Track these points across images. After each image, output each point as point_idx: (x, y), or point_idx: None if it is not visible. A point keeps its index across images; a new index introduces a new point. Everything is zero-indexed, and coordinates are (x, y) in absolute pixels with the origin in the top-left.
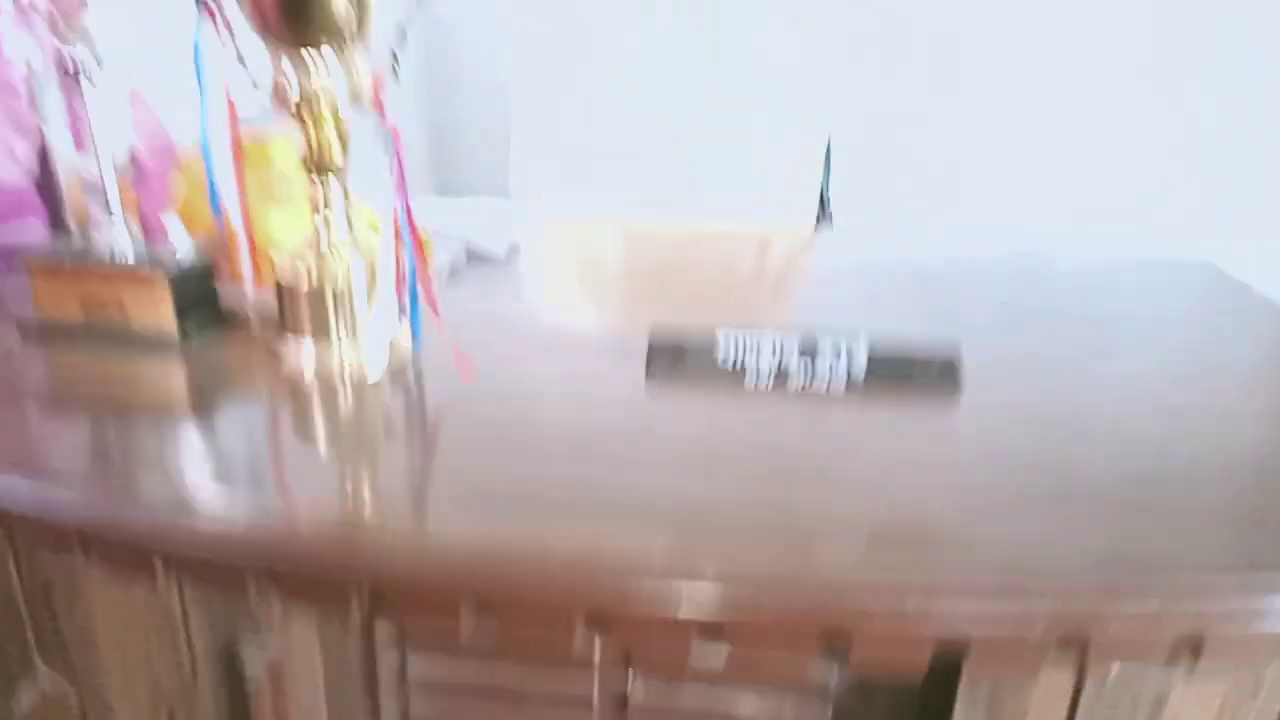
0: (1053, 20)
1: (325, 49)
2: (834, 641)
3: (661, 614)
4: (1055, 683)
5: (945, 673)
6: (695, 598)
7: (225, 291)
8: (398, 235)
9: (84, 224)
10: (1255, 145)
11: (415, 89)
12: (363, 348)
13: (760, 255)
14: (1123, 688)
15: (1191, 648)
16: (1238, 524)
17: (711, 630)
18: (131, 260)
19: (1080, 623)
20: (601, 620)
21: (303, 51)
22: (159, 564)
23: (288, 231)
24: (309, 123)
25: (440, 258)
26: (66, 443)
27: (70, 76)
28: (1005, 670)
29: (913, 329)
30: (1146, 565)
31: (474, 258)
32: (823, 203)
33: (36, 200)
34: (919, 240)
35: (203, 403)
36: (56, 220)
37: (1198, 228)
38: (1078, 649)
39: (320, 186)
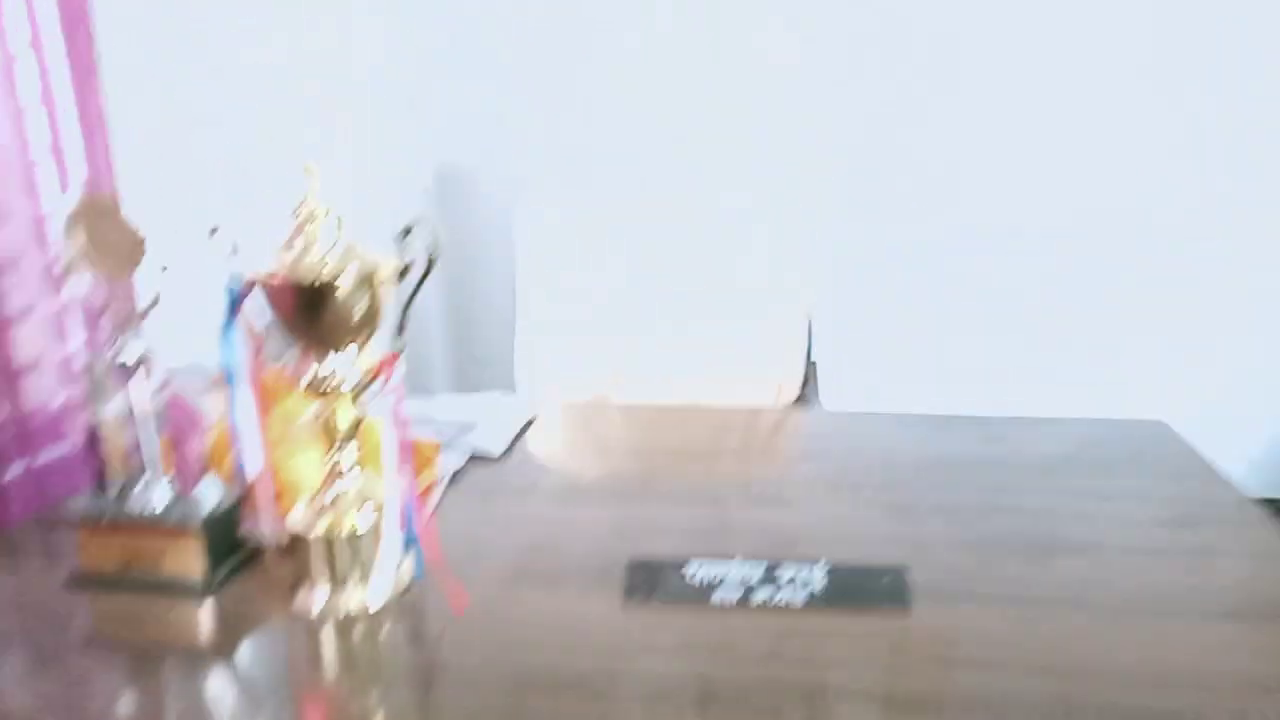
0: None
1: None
2: None
3: None
4: None
5: None
6: None
7: (249, 527)
8: (400, 477)
9: (124, 478)
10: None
11: (435, 286)
12: (369, 584)
13: (744, 442)
14: None
15: None
16: None
17: None
18: (166, 515)
19: None
20: None
21: (321, 349)
22: None
23: (304, 472)
24: (325, 404)
25: (444, 464)
26: (103, 700)
27: (122, 365)
28: None
29: (874, 530)
30: None
31: (475, 458)
32: (808, 373)
33: (69, 425)
34: (897, 402)
35: (226, 648)
36: (102, 479)
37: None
38: None
39: (335, 452)
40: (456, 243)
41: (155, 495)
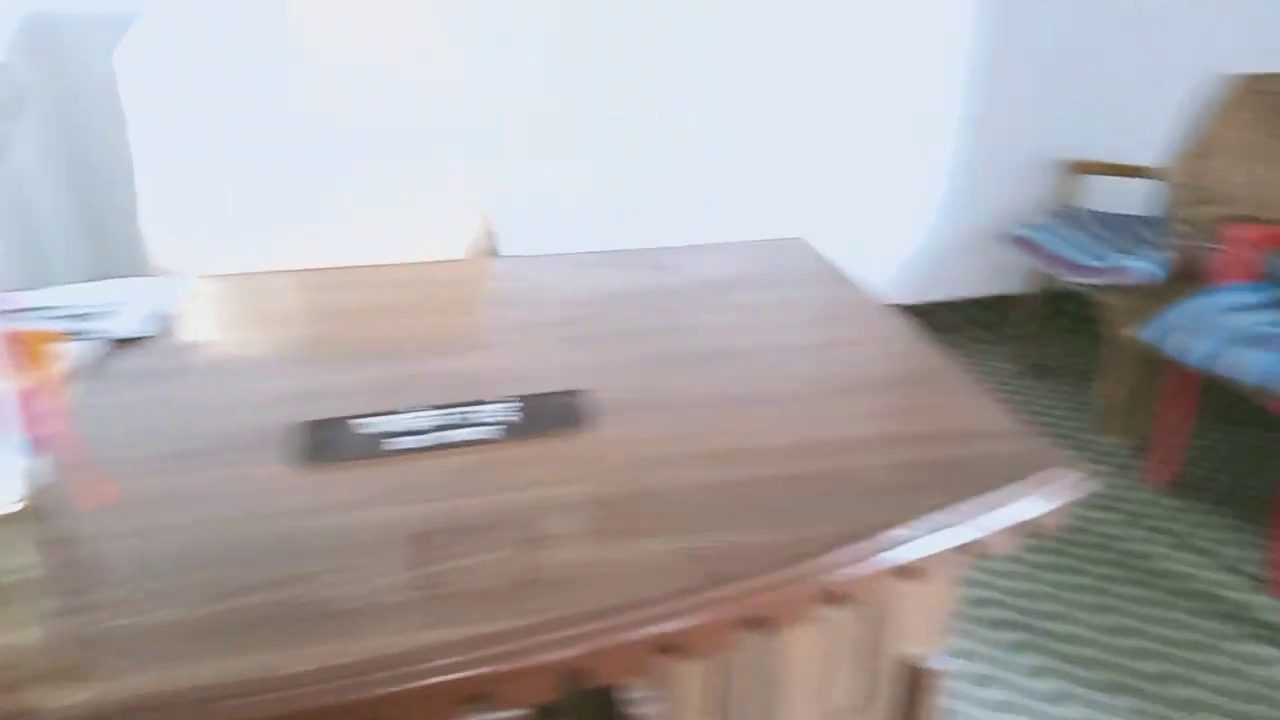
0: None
1: None
2: (478, 691)
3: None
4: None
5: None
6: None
7: None
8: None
9: None
10: None
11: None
12: None
13: (424, 296)
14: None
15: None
16: (790, 517)
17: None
18: None
19: (668, 631)
20: None
21: None
22: None
23: None
24: None
25: (79, 353)
26: None
27: None
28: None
29: (560, 362)
30: (718, 568)
31: (122, 343)
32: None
33: None
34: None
35: None
36: None
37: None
38: (674, 652)
39: None
40: (64, 110)
41: None
